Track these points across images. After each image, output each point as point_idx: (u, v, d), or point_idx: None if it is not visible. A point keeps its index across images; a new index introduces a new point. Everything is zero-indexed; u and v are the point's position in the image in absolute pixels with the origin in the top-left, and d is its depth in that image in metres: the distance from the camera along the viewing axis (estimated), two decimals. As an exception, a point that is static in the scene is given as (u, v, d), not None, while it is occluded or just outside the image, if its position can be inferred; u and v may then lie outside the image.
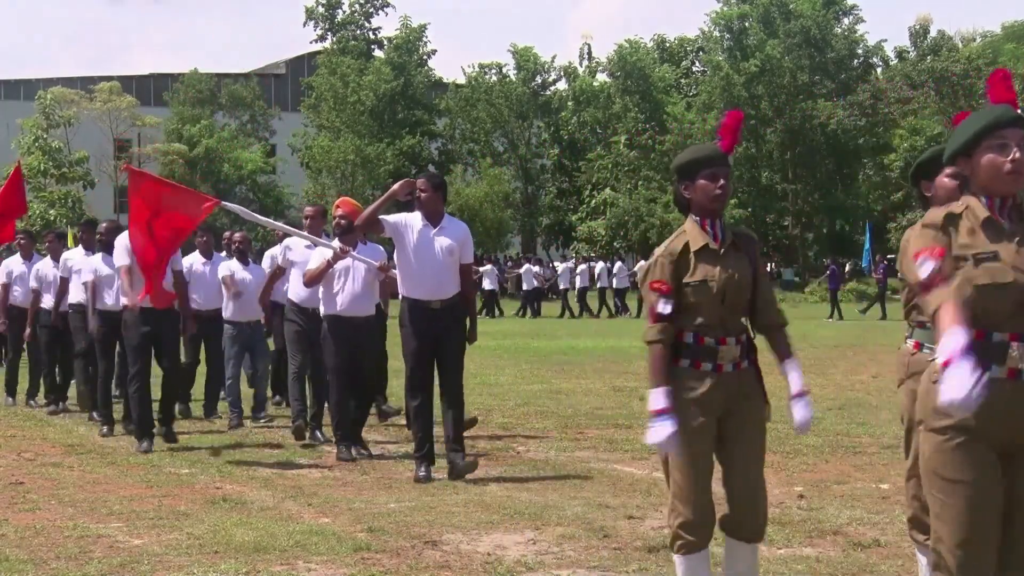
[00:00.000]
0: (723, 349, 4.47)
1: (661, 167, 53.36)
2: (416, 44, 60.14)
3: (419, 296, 8.01)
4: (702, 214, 4.54)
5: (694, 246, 4.49)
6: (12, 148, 50.94)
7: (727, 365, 4.49)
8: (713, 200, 4.50)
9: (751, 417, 4.56)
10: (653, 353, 4.43)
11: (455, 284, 8.11)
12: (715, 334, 4.46)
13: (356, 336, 8.98)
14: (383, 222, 8.01)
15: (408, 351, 8.02)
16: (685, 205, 4.61)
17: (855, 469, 8.34)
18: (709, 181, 4.49)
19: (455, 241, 8.10)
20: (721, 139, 4.65)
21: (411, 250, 8.02)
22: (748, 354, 4.59)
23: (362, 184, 53.67)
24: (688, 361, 4.47)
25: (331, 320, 9.00)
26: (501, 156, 59.56)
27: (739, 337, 4.55)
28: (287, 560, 5.76)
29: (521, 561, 5.73)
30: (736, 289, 4.50)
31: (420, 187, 8.10)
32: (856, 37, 55.24)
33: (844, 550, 5.91)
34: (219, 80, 62.94)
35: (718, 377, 4.47)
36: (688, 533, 4.43)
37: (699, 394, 4.43)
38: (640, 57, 54.91)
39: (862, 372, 15.87)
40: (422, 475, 7.94)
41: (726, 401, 4.48)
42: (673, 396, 4.39)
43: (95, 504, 7.19)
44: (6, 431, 10.76)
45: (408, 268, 8.05)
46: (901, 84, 48.84)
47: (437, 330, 7.99)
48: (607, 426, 10.66)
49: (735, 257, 4.54)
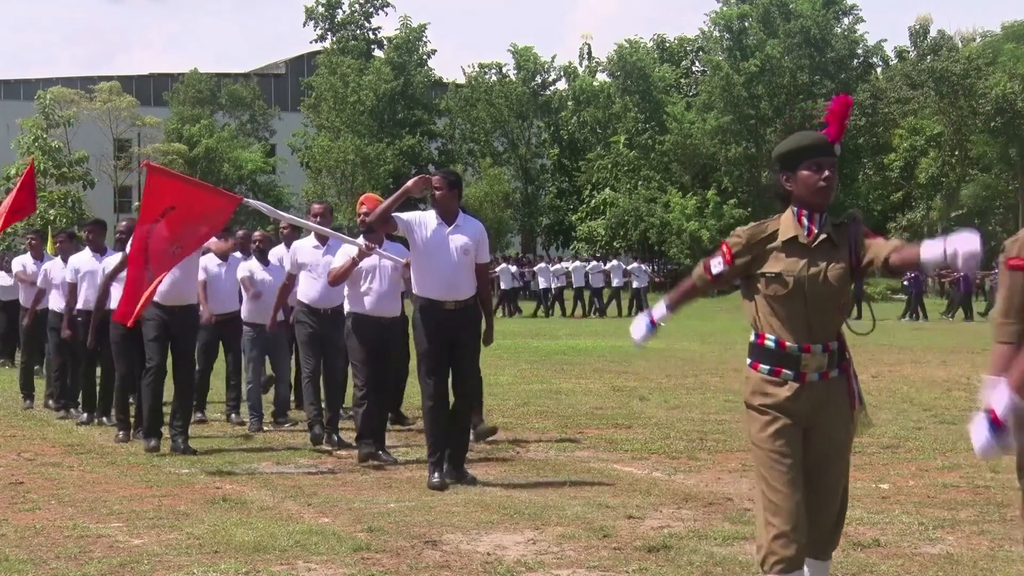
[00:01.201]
0: (806, 357, 4.16)
1: (661, 167, 53.42)
2: (416, 44, 60.15)
3: (433, 296, 7.80)
4: (804, 207, 4.20)
5: (782, 236, 4.19)
6: (12, 148, 50.99)
7: (811, 374, 4.16)
8: (816, 193, 4.16)
9: (836, 433, 4.25)
10: (686, 281, 4.45)
11: (470, 285, 7.89)
12: (798, 339, 4.15)
13: (382, 336, 8.75)
14: (396, 219, 7.79)
15: (421, 352, 7.81)
16: (785, 198, 4.26)
17: (855, 469, 8.27)
18: (812, 172, 4.16)
19: (471, 240, 7.89)
20: (827, 126, 4.29)
21: (425, 249, 7.81)
22: (838, 363, 4.25)
23: (362, 184, 53.64)
24: (768, 367, 4.19)
25: (357, 319, 8.75)
26: (501, 156, 59.56)
27: (827, 344, 4.20)
28: (287, 560, 5.75)
29: (521, 561, 5.72)
30: (822, 288, 4.16)
31: (435, 184, 7.91)
32: (856, 37, 55.22)
33: (844, 550, 5.90)
34: (219, 80, 62.97)
35: (801, 387, 4.15)
36: (783, 547, 4.08)
37: (781, 400, 4.15)
38: (640, 57, 54.91)
39: (862, 372, 15.73)
40: (435, 482, 7.65)
41: (810, 413, 4.17)
42: (672, 309, 4.50)
43: (95, 504, 7.18)
44: (6, 431, 10.75)
45: (422, 267, 7.85)
46: (901, 84, 48.86)
47: (450, 332, 7.78)
48: (607, 426, 10.66)
49: (829, 252, 4.18)
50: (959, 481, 7.78)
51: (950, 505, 7.02)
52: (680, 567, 5.57)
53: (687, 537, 6.15)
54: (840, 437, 4.28)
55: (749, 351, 4.32)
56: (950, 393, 13.29)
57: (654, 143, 53.09)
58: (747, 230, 4.26)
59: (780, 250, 4.18)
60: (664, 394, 13.22)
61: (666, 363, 17.48)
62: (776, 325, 4.18)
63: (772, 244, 4.20)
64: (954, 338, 23.51)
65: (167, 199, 8.24)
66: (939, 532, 6.30)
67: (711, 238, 49.86)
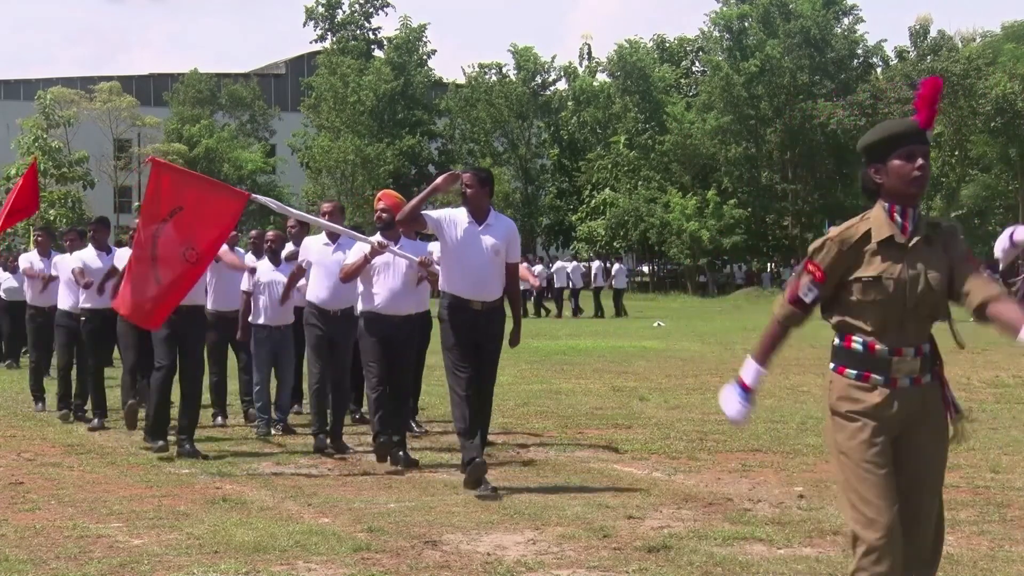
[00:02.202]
0: (897, 361, 3.87)
1: (661, 167, 53.42)
2: (416, 44, 60.21)
3: (460, 293, 7.68)
4: (896, 200, 3.90)
5: (876, 236, 3.87)
6: (12, 148, 50.98)
7: (903, 379, 3.88)
8: (910, 183, 3.86)
9: (931, 444, 3.97)
10: (769, 327, 4.01)
11: (499, 285, 7.76)
12: (889, 342, 3.86)
13: (394, 335, 8.55)
14: (426, 217, 7.67)
15: (447, 345, 7.69)
16: (874, 192, 3.95)
17: (855, 469, 8.33)
18: (905, 161, 3.85)
19: (501, 240, 7.75)
20: (917, 112, 4.00)
21: (455, 248, 7.68)
22: (931, 367, 3.96)
23: (362, 184, 53.71)
24: (855, 372, 3.90)
25: (368, 317, 8.61)
26: (501, 156, 59.59)
27: (919, 347, 3.91)
28: (287, 560, 5.75)
29: (521, 561, 5.72)
30: (922, 290, 3.86)
31: (466, 182, 7.75)
32: (856, 37, 55.24)
33: (844, 550, 5.90)
34: (219, 80, 63.05)
35: (891, 392, 3.87)
36: (875, 564, 3.77)
37: (870, 406, 3.87)
38: (640, 57, 54.93)
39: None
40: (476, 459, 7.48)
41: (902, 422, 3.90)
42: (764, 364, 3.99)
43: (95, 504, 7.18)
44: (6, 431, 10.74)
45: (452, 266, 7.73)
46: (901, 84, 48.84)
47: (475, 332, 7.67)
48: (607, 426, 10.66)
49: (927, 252, 3.90)
50: (959, 481, 7.78)
51: (950, 505, 6.99)
52: (680, 567, 5.57)
53: (687, 537, 6.15)
54: (936, 448, 4.00)
55: (833, 354, 4.02)
56: (950, 393, 13.26)
57: (654, 143, 53.10)
58: (835, 238, 3.90)
59: (875, 252, 3.88)
60: (664, 394, 13.22)
61: (666, 363, 17.48)
62: (865, 327, 3.89)
63: (867, 246, 3.89)
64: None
65: (173, 199, 8.10)
66: (939, 532, 6.29)
67: (711, 238, 49.92)
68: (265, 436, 10.21)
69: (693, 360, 18.08)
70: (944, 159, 48.87)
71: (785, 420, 10.91)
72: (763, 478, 8.04)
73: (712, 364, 17.35)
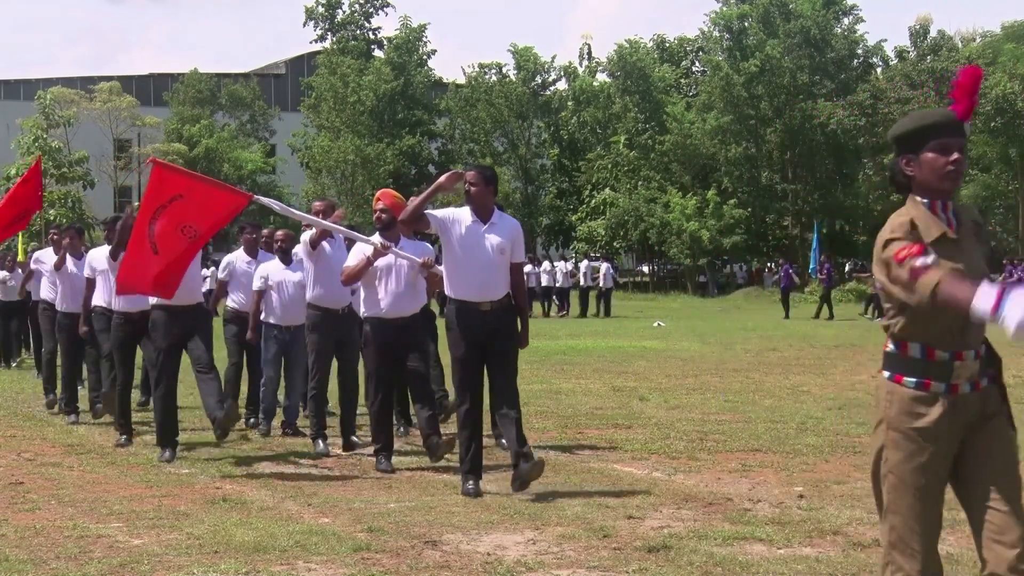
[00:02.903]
0: (959, 365, 3.64)
1: (661, 167, 53.41)
2: (416, 44, 60.18)
3: (467, 297, 7.48)
4: (928, 195, 3.69)
5: (927, 236, 3.60)
6: (12, 148, 50.99)
7: (964, 385, 3.66)
8: (943, 178, 3.65)
9: (999, 440, 3.71)
10: (942, 284, 3.43)
11: (505, 284, 7.58)
12: (950, 346, 3.63)
13: (400, 338, 8.38)
14: (429, 217, 7.50)
15: (456, 355, 7.49)
16: (905, 185, 3.76)
17: (855, 469, 8.33)
18: (939, 153, 3.65)
19: (506, 239, 7.59)
20: (955, 102, 3.81)
21: (459, 248, 7.51)
22: (988, 369, 3.73)
23: (362, 184, 53.70)
24: (915, 380, 3.66)
25: (373, 323, 8.41)
26: (501, 156, 59.57)
27: (978, 350, 3.68)
28: (287, 560, 5.75)
29: (521, 561, 5.72)
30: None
31: (470, 180, 7.61)
32: (856, 37, 55.21)
33: (844, 550, 5.91)
34: (219, 80, 63.05)
35: (953, 399, 3.65)
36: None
37: (929, 422, 3.65)
38: (640, 57, 54.92)
39: (862, 372, 15.86)
40: (470, 488, 7.39)
41: (964, 428, 3.69)
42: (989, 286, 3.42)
43: (95, 504, 7.18)
44: (6, 431, 10.74)
45: (456, 267, 7.54)
46: (901, 84, 48.84)
47: (487, 333, 7.46)
48: (607, 426, 10.66)
49: (971, 244, 3.72)
50: (959, 481, 7.78)
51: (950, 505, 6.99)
52: (680, 567, 5.57)
53: (687, 537, 6.15)
54: (1004, 445, 3.73)
55: (886, 362, 3.78)
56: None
57: (654, 143, 53.08)
58: (897, 229, 3.62)
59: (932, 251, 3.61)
60: (664, 394, 13.22)
61: (666, 363, 17.48)
62: (924, 331, 3.64)
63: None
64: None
65: (173, 191, 8.03)
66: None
67: (711, 238, 49.90)
68: (266, 435, 10.19)
69: (693, 360, 18.08)
70: (944, 159, 48.85)
71: (785, 420, 10.91)
72: (763, 478, 8.04)
73: (712, 364, 17.36)
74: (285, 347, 10.41)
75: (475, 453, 7.52)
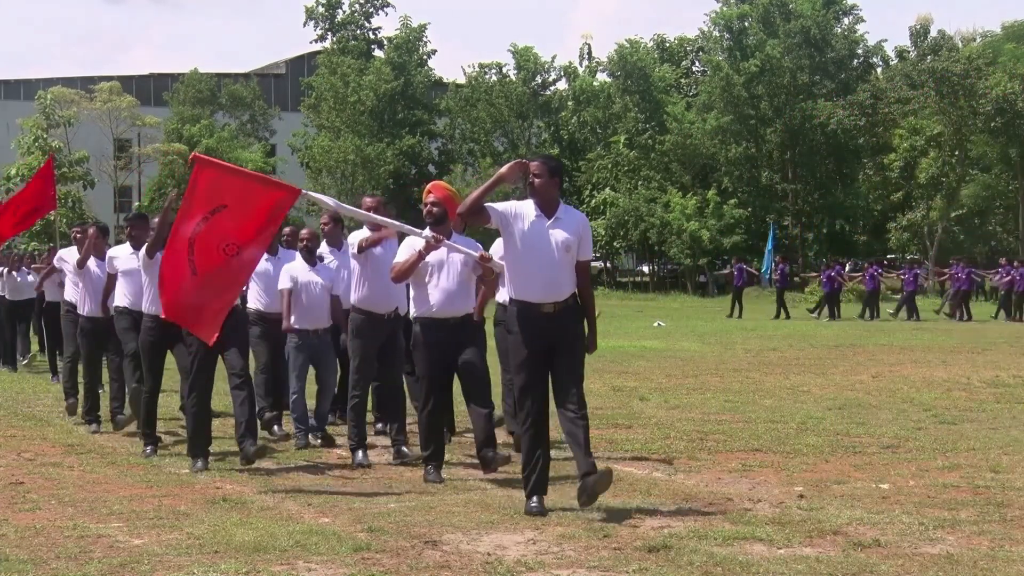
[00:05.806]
0: None
1: (661, 167, 53.40)
2: (416, 44, 60.13)
3: (530, 298, 6.90)
4: None
5: None
6: (12, 148, 51.00)
7: None
8: None
9: None
10: None
11: (570, 284, 6.96)
12: None
13: (452, 339, 7.90)
14: (490, 210, 6.92)
15: (518, 361, 6.95)
16: None
17: (855, 469, 8.34)
18: None
19: (572, 235, 6.97)
20: None
21: (522, 244, 6.91)
22: None
23: (362, 184, 53.66)
24: None
25: (424, 323, 7.92)
26: (501, 156, 59.50)
27: None
28: (287, 560, 5.75)
29: (521, 561, 5.72)
30: None
31: (534, 171, 7.02)
32: (856, 37, 55.21)
33: (844, 550, 5.91)
34: (219, 80, 63.02)
35: None
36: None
37: None
38: (640, 57, 54.90)
39: (862, 372, 15.86)
40: (534, 507, 6.82)
41: None
42: None
43: (95, 504, 7.18)
44: (6, 431, 10.74)
45: (518, 265, 6.97)
46: (901, 84, 48.83)
47: (551, 337, 6.87)
48: (607, 426, 10.65)
49: None
50: (959, 481, 7.79)
51: (950, 505, 7.02)
52: (680, 567, 5.57)
53: (687, 537, 6.15)
54: None
55: None
56: (950, 393, 13.28)
57: (654, 143, 53.07)
58: None
59: None
60: (664, 394, 13.22)
61: (666, 363, 17.48)
62: None
63: None
64: (954, 338, 23.50)
65: (218, 197, 7.74)
66: (939, 532, 6.30)
67: (711, 238, 49.91)
68: (304, 447, 9.62)
69: (693, 360, 18.08)
70: (944, 159, 48.78)
71: (785, 420, 10.91)
72: (763, 478, 8.04)
73: (712, 364, 17.36)
74: (312, 352, 9.84)
75: (541, 469, 6.92)
